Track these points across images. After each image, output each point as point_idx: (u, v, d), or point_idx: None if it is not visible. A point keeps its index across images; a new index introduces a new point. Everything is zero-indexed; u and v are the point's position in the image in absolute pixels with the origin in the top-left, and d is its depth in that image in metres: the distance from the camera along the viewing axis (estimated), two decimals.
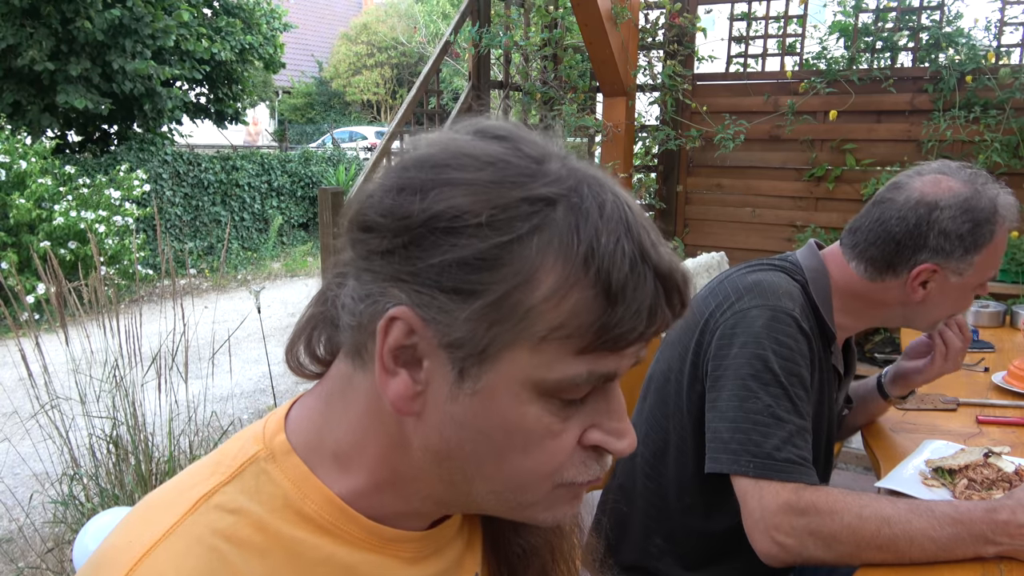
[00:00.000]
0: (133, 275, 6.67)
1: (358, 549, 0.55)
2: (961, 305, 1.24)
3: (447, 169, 0.48)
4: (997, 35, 3.50)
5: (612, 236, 0.46)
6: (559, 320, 0.46)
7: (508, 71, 4.36)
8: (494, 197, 0.46)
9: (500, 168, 0.48)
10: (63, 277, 2.44)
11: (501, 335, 0.47)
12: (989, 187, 1.18)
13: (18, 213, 6.11)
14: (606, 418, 0.53)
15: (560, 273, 0.46)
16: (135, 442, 2.44)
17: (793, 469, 1.06)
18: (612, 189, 0.49)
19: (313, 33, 21.92)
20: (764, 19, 3.98)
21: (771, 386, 1.10)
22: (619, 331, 0.47)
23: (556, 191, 0.47)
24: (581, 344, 0.47)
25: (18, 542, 2.73)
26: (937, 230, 1.15)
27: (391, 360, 0.49)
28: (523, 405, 0.49)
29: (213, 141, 12.12)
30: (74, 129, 8.97)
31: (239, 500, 0.53)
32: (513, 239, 0.46)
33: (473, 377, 0.48)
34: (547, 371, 0.48)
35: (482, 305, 0.46)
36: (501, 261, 0.46)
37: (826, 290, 1.24)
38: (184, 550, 0.49)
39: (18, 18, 7.51)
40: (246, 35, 9.81)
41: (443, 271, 0.46)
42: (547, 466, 0.52)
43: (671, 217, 4.21)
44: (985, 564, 0.97)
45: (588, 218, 0.46)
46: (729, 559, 1.25)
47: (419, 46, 18.85)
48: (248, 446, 0.56)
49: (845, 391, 1.40)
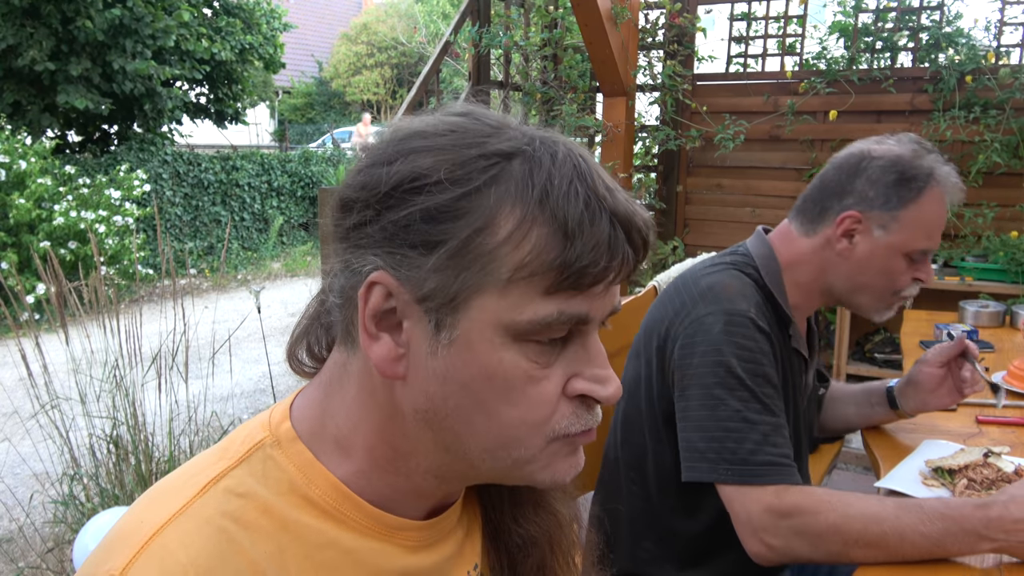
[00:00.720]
0: (133, 275, 6.67)
1: (361, 535, 0.56)
2: (891, 272, 1.20)
3: (411, 139, 0.52)
4: (997, 35, 3.51)
5: (565, 179, 0.50)
6: (521, 260, 0.49)
7: (508, 71, 4.36)
8: (453, 156, 0.50)
9: (460, 133, 0.52)
10: (63, 277, 2.44)
11: (468, 280, 0.49)
12: (934, 159, 1.19)
13: (18, 213, 6.11)
14: (587, 366, 0.54)
15: (518, 216, 0.49)
16: (135, 442, 2.44)
17: (771, 471, 1.06)
18: (564, 143, 0.53)
19: (313, 33, 21.91)
20: (764, 19, 3.98)
21: (737, 390, 1.10)
22: (580, 265, 0.49)
23: (511, 146, 0.51)
24: (546, 283, 0.49)
25: (18, 542, 2.73)
26: (864, 177, 1.18)
27: (373, 325, 0.52)
28: (499, 351, 0.51)
29: (213, 141, 12.12)
30: (74, 129, 8.97)
31: (247, 484, 0.54)
32: (471, 190, 0.49)
33: (448, 327, 0.50)
34: (517, 313, 0.50)
35: (447, 253, 0.49)
36: (462, 211, 0.49)
37: (777, 274, 1.24)
38: (193, 530, 0.51)
39: (18, 18, 7.51)
40: (246, 35, 9.81)
41: (409, 227, 0.50)
42: (533, 415, 0.53)
43: (671, 217, 4.21)
44: (986, 568, 0.97)
45: (541, 165, 0.50)
46: (720, 556, 1.25)
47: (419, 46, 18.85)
48: (254, 433, 0.58)
49: (814, 371, 1.39)
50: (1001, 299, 2.88)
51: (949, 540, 0.95)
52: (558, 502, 0.70)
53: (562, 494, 0.71)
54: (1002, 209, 3.36)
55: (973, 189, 3.41)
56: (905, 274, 1.21)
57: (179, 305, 2.59)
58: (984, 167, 3.34)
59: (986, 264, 3.17)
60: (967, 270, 3.20)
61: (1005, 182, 3.39)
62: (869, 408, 1.49)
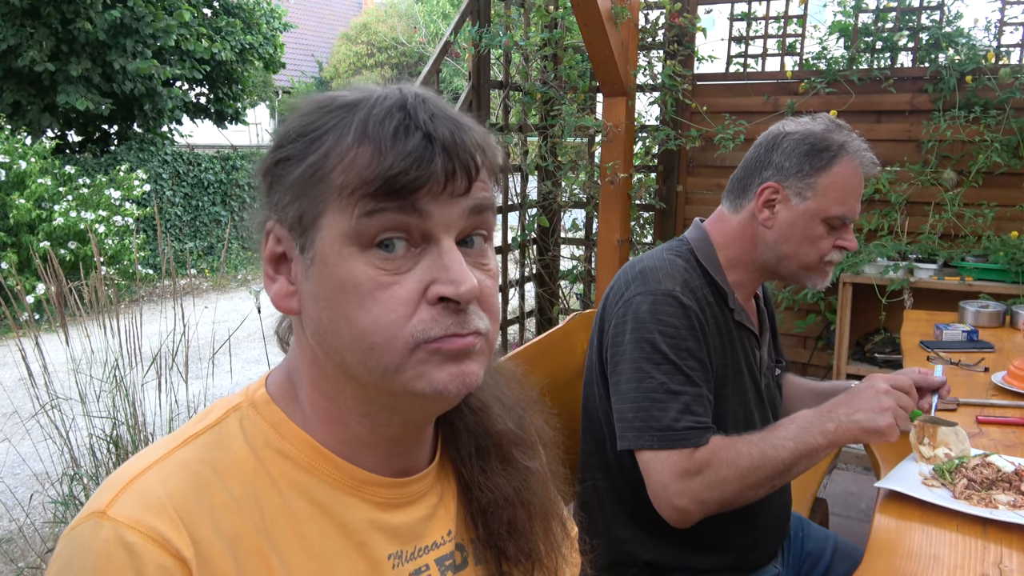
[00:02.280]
0: (133, 275, 6.67)
1: (332, 487, 0.62)
2: (813, 238, 1.27)
3: (289, 114, 0.62)
4: (997, 35, 3.51)
5: (385, 109, 0.57)
6: (347, 178, 0.56)
7: (508, 71, 4.36)
8: (310, 118, 0.59)
9: (322, 102, 0.60)
10: (63, 277, 2.44)
11: (312, 200, 0.58)
12: (847, 134, 1.28)
13: (18, 213, 6.10)
14: (443, 272, 0.58)
15: (347, 144, 0.57)
16: (135, 442, 2.44)
17: (690, 435, 1.16)
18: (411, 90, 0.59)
19: (313, 33, 21.91)
20: (764, 19, 3.98)
21: (662, 364, 1.19)
22: (392, 173, 0.55)
23: (355, 98, 0.59)
24: (369, 191, 0.56)
25: (18, 542, 2.73)
26: (780, 150, 1.29)
27: (271, 268, 0.62)
28: (347, 261, 0.57)
29: (213, 141, 12.12)
30: (74, 129, 8.97)
31: (225, 439, 0.61)
32: (315, 137, 0.58)
33: (309, 248, 0.58)
34: (351, 220, 0.57)
35: (292, 180, 0.58)
36: (307, 153, 0.58)
37: (711, 254, 1.33)
38: (171, 471, 0.58)
39: (18, 18, 7.51)
40: (246, 35, 9.81)
41: (277, 177, 0.60)
42: (385, 317, 0.57)
43: (671, 217, 4.21)
44: (984, 563, 0.97)
45: (375, 106, 0.58)
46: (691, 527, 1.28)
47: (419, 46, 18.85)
48: (232, 400, 0.65)
49: (766, 348, 1.42)
50: (1001, 299, 2.88)
51: (804, 434, 1.14)
52: (527, 459, 0.74)
53: (531, 451, 0.75)
54: (1002, 209, 3.35)
55: (973, 189, 3.41)
56: (826, 239, 1.29)
57: (179, 305, 2.59)
58: (984, 167, 3.34)
59: (986, 264, 3.17)
60: (967, 270, 3.20)
61: (1005, 182, 3.39)
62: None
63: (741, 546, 1.32)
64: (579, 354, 1.70)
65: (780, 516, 1.40)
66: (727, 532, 1.28)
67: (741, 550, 1.33)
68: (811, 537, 1.54)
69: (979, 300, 2.57)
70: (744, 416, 1.30)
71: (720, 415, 1.25)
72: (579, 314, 1.78)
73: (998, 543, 1.06)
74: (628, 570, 1.34)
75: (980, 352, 2.06)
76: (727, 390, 1.27)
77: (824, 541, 1.53)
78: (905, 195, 3.51)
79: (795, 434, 1.14)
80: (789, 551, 1.51)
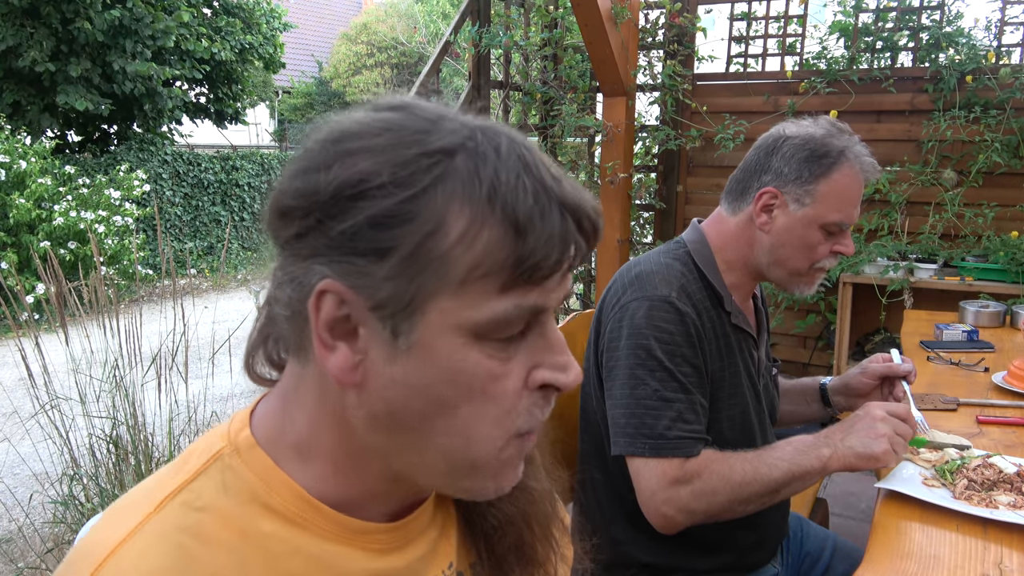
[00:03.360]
0: (133, 275, 6.67)
1: (325, 540, 0.55)
2: (809, 244, 1.27)
3: (345, 141, 0.50)
4: (997, 35, 3.51)
5: (511, 173, 0.48)
6: (474, 260, 0.48)
7: (508, 71, 4.36)
8: (394, 157, 0.48)
9: (396, 131, 0.50)
10: (63, 277, 2.44)
11: (423, 285, 0.48)
12: (848, 139, 1.26)
13: (18, 213, 6.10)
14: (548, 354, 0.53)
15: (468, 216, 0.48)
16: (135, 442, 2.44)
17: (682, 444, 1.16)
18: (507, 133, 0.51)
19: (313, 33, 21.92)
20: (764, 19, 3.98)
21: (656, 371, 1.19)
22: (533, 261, 0.48)
23: (452, 141, 0.49)
24: (501, 280, 0.48)
25: (18, 542, 2.73)
26: (779, 155, 1.27)
27: (327, 335, 0.50)
28: (460, 351, 0.50)
29: (213, 141, 12.12)
30: (74, 129, 8.97)
31: (205, 496, 0.53)
32: (417, 192, 0.48)
33: (405, 333, 0.49)
34: (475, 312, 0.49)
35: (398, 260, 0.48)
36: (409, 215, 0.47)
37: (708, 257, 1.32)
38: (147, 548, 0.50)
39: (18, 18, 7.51)
40: (246, 35, 9.81)
41: (356, 235, 0.48)
42: (496, 410, 0.52)
43: (671, 217, 4.21)
44: (984, 564, 0.97)
45: (486, 160, 0.48)
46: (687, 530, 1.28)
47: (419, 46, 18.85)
48: (213, 443, 0.57)
49: (764, 349, 1.42)
50: (1001, 299, 2.88)
51: (799, 456, 1.14)
52: (531, 479, 0.69)
53: (535, 469, 0.71)
54: (1002, 209, 3.36)
55: (973, 189, 3.41)
56: (823, 246, 1.28)
57: (179, 305, 2.59)
58: (984, 167, 3.34)
59: (986, 264, 3.17)
60: (967, 270, 3.20)
61: (1005, 182, 3.39)
62: (805, 406, 1.56)
63: (742, 546, 1.32)
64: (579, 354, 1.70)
65: (779, 514, 1.40)
66: (727, 533, 1.28)
67: (742, 550, 1.33)
68: (810, 537, 1.54)
69: (979, 300, 2.57)
70: (742, 418, 1.29)
71: (717, 418, 1.25)
72: (579, 314, 1.78)
73: (998, 543, 1.06)
74: (627, 571, 1.34)
75: (980, 352, 2.06)
76: (724, 393, 1.27)
77: (823, 541, 1.53)
78: (905, 195, 3.51)
79: (790, 456, 1.14)
80: (788, 551, 1.51)
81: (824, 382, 1.53)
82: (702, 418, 1.20)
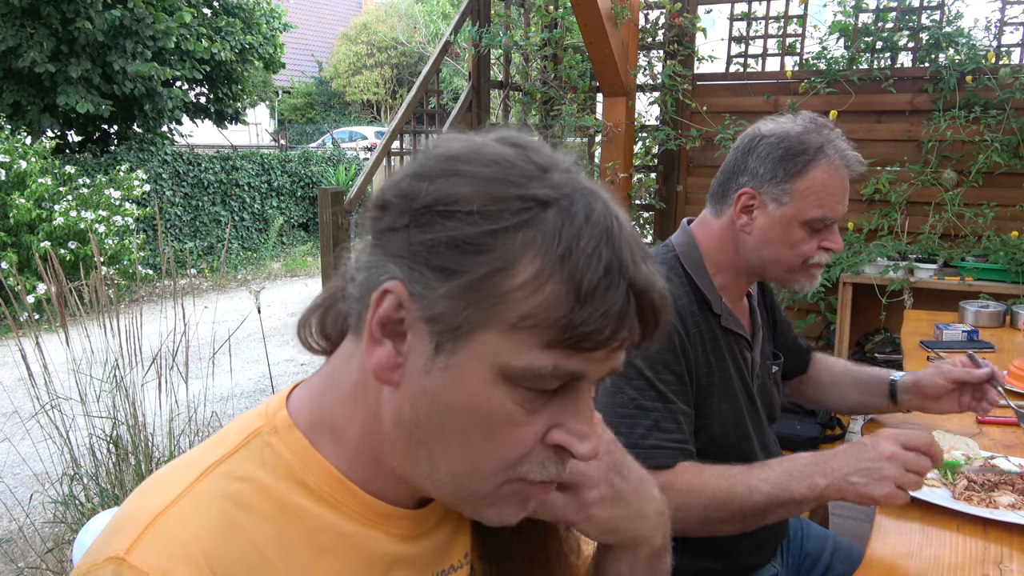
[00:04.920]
0: (133, 275, 6.67)
1: (355, 521, 0.58)
2: (793, 242, 1.24)
3: (458, 162, 0.52)
4: (997, 35, 3.51)
5: (592, 241, 0.49)
6: (530, 309, 0.49)
7: (508, 71, 4.36)
8: (492, 190, 0.50)
9: (506, 168, 0.51)
10: (63, 277, 2.44)
11: (475, 315, 0.50)
12: (829, 134, 1.23)
13: (18, 213, 6.10)
14: (571, 419, 0.54)
15: (538, 266, 0.49)
16: (135, 442, 2.44)
17: (656, 454, 1.13)
18: (605, 201, 0.52)
19: (313, 33, 21.92)
20: (764, 19, 3.98)
21: (634, 379, 1.16)
22: (584, 330, 0.49)
23: (550, 195, 0.50)
24: (548, 337, 0.50)
25: (18, 542, 2.73)
26: (755, 155, 1.25)
27: (379, 330, 0.53)
28: (489, 387, 0.51)
29: (213, 141, 12.12)
30: (74, 129, 8.97)
31: (246, 468, 0.56)
32: (499, 229, 0.49)
33: (447, 352, 0.51)
34: (514, 357, 0.50)
35: (461, 284, 0.50)
36: (485, 247, 0.49)
37: (697, 260, 1.30)
38: (195, 510, 0.53)
39: (18, 19, 7.51)
40: (246, 35, 9.81)
41: (433, 249, 0.50)
42: (505, 453, 0.53)
43: (671, 217, 4.21)
44: (984, 564, 0.97)
45: (573, 222, 0.50)
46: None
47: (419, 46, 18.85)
48: (251, 422, 0.60)
49: (759, 349, 1.40)
50: (1001, 299, 2.88)
51: (787, 481, 1.07)
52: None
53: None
54: (1002, 209, 3.36)
55: (973, 189, 3.41)
56: (809, 243, 1.25)
57: (179, 305, 2.59)
58: (984, 167, 3.34)
59: (986, 264, 3.17)
60: (967, 270, 3.20)
61: (1005, 182, 3.39)
62: (873, 399, 1.53)
63: (741, 549, 1.32)
64: None
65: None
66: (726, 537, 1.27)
67: (743, 552, 1.33)
68: (810, 537, 1.54)
69: (979, 300, 2.57)
70: (735, 421, 1.28)
71: (708, 423, 1.24)
72: None
73: (998, 543, 1.06)
74: None
75: (980, 352, 2.06)
76: (714, 398, 1.25)
77: (823, 541, 1.52)
78: (905, 195, 3.51)
79: (777, 479, 1.08)
80: (788, 551, 1.51)
81: (895, 378, 1.48)
82: (683, 427, 1.17)
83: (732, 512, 1.09)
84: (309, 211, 10.88)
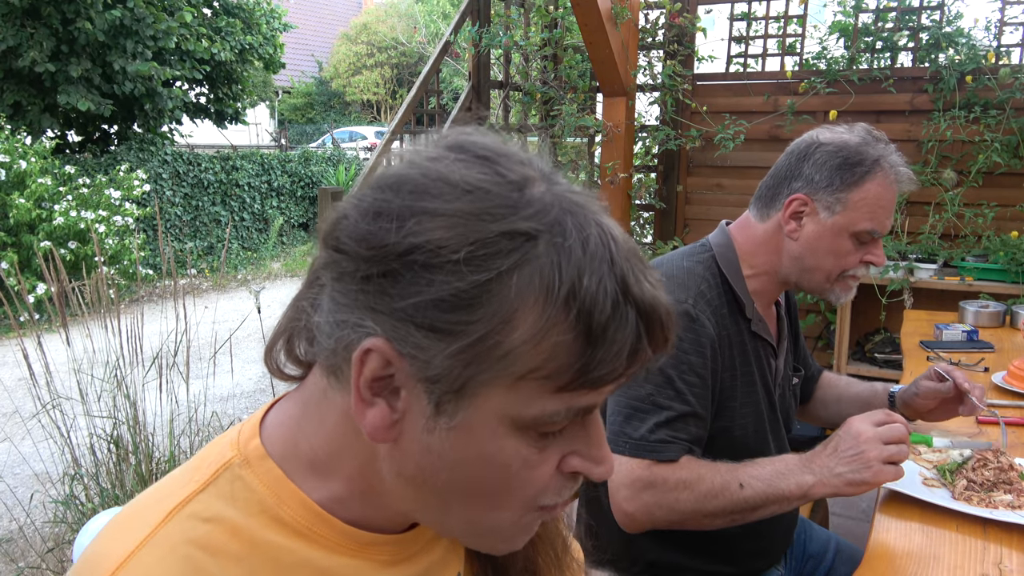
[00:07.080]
0: (133, 275, 6.67)
1: (334, 553, 0.55)
2: (838, 253, 1.24)
3: (425, 196, 0.47)
4: (997, 35, 3.51)
5: (595, 276, 0.45)
6: (538, 362, 0.46)
7: (508, 71, 4.36)
8: (472, 231, 0.45)
9: (479, 197, 0.46)
10: (64, 277, 2.44)
11: (478, 374, 0.46)
12: (884, 148, 1.23)
13: (18, 213, 6.10)
14: (584, 445, 0.53)
15: (540, 313, 0.45)
16: (136, 442, 2.44)
17: (658, 447, 1.14)
18: (596, 219, 0.48)
19: (313, 33, 21.93)
20: (764, 19, 3.98)
21: (654, 376, 1.17)
22: (598, 373, 0.47)
23: (537, 225, 0.46)
24: (558, 384, 0.47)
25: (18, 542, 2.73)
26: (811, 162, 1.24)
27: (368, 391, 0.49)
28: (500, 439, 0.49)
29: (213, 141, 12.12)
30: (74, 129, 8.97)
31: (214, 507, 0.53)
32: (492, 278, 0.45)
33: (449, 413, 0.48)
34: (524, 408, 0.48)
35: (460, 347, 0.45)
36: (479, 301, 0.45)
37: (734, 262, 1.29)
38: (156, 561, 0.49)
39: (18, 19, 7.51)
40: (246, 35, 9.81)
41: (419, 309, 0.45)
42: (524, 494, 0.52)
43: (671, 217, 4.21)
44: (984, 563, 0.97)
45: (571, 256, 0.45)
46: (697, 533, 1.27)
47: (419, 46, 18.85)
48: (224, 452, 0.56)
49: (784, 358, 1.40)
50: (1001, 299, 2.88)
51: (777, 479, 1.10)
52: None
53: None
54: (1002, 209, 3.36)
55: (973, 189, 3.41)
56: (853, 255, 1.25)
57: (179, 305, 2.59)
58: (984, 167, 3.34)
59: (986, 264, 3.17)
60: (967, 270, 3.20)
61: (1005, 182, 3.39)
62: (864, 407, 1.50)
63: (748, 552, 1.32)
64: None
65: (788, 523, 1.40)
66: (734, 539, 1.27)
67: (747, 555, 1.33)
68: (813, 539, 1.54)
69: (979, 300, 2.58)
70: (755, 426, 1.28)
71: (729, 427, 1.24)
72: None
73: (998, 543, 1.06)
74: (632, 567, 1.34)
75: (980, 352, 2.06)
76: (736, 402, 1.25)
77: (826, 543, 1.52)
78: (905, 195, 3.51)
79: (768, 476, 1.10)
80: (791, 553, 1.51)
81: (893, 391, 1.49)
82: (694, 427, 1.18)
83: (723, 506, 1.11)
84: (309, 211, 10.88)
